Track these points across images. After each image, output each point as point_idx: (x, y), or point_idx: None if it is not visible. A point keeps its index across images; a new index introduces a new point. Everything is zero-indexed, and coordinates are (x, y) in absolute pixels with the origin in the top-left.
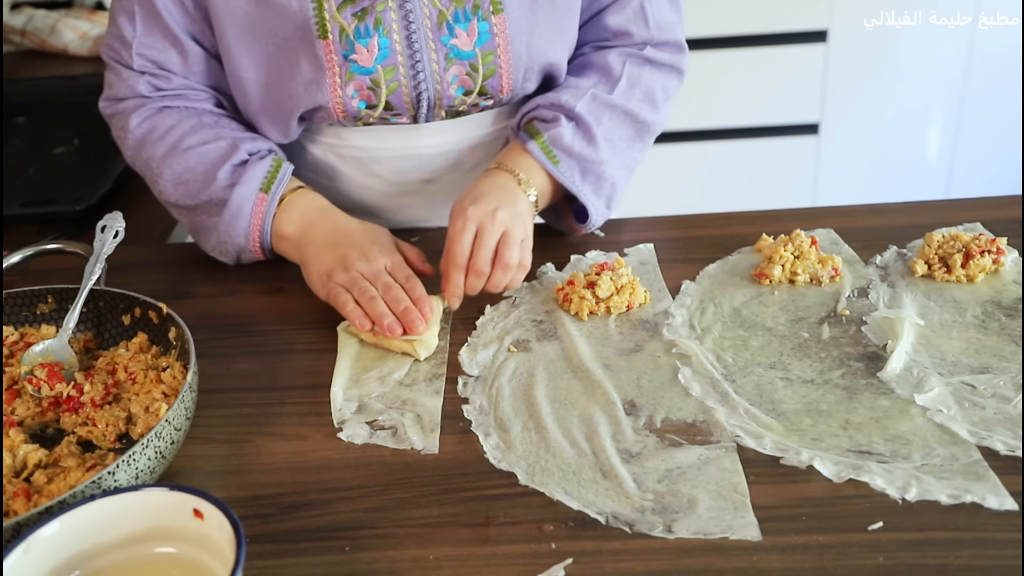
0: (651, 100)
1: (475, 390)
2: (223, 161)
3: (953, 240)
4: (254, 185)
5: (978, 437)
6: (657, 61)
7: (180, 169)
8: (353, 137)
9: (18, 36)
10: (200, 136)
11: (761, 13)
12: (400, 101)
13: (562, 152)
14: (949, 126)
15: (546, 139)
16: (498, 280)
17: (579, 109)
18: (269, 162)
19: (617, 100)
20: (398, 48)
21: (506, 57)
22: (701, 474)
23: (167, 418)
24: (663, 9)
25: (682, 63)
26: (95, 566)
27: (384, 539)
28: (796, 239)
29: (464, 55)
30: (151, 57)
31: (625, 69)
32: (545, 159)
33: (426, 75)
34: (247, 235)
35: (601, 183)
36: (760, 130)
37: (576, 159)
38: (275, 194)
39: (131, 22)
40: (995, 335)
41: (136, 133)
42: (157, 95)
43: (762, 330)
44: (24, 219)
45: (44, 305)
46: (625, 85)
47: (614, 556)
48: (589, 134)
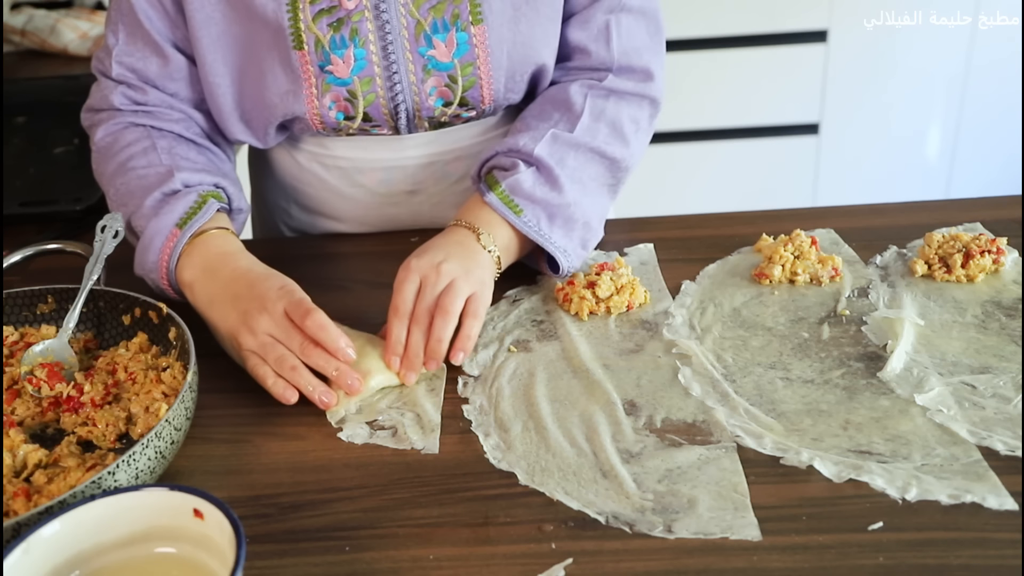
0: (619, 134)
1: (475, 390)
2: (154, 188)
3: (953, 240)
4: (171, 219)
5: (978, 437)
6: (621, 91)
7: (122, 189)
8: (337, 147)
9: (18, 36)
10: (147, 159)
11: (761, 13)
12: (378, 112)
13: (524, 200)
14: (949, 126)
15: (504, 188)
16: (439, 331)
17: (538, 152)
18: (194, 196)
19: (581, 138)
20: (375, 59)
21: (486, 68)
22: (701, 474)
23: (167, 418)
24: (634, 32)
25: (651, 90)
26: (95, 566)
27: (384, 539)
28: (796, 239)
29: (442, 66)
30: (130, 65)
31: (587, 104)
32: (506, 210)
33: (403, 86)
34: (156, 270)
35: (571, 225)
36: (760, 130)
37: (540, 205)
38: (187, 232)
39: (115, 32)
40: (995, 335)
41: (99, 146)
42: (129, 108)
43: (762, 330)
44: (24, 219)
45: (44, 305)
46: (588, 120)
47: (614, 556)
48: (551, 177)
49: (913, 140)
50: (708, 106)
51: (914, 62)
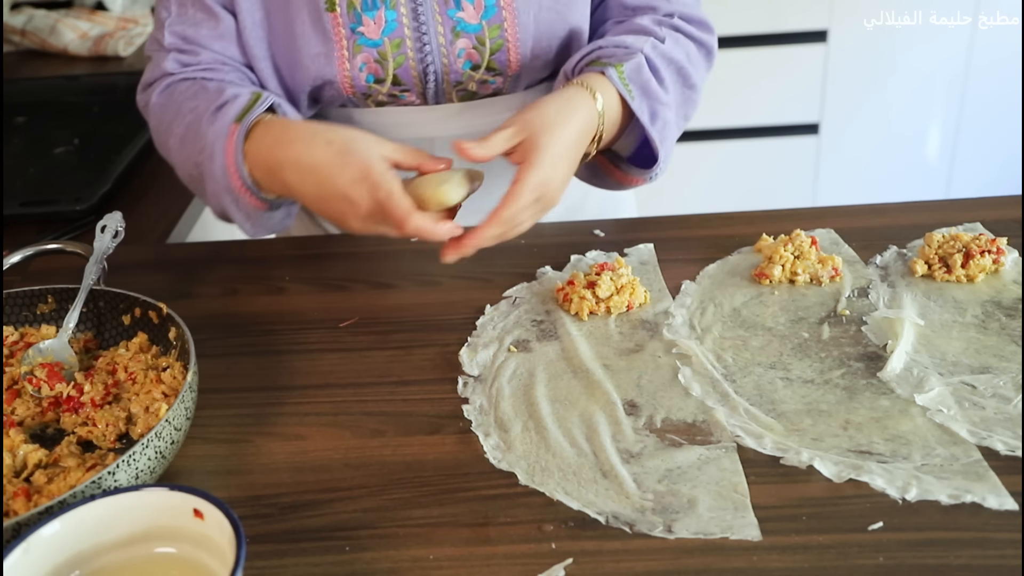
0: (692, 63)
1: (475, 390)
2: (208, 106)
3: (953, 240)
4: (228, 119)
5: (978, 437)
6: (688, 33)
7: (181, 130)
8: (364, 119)
9: (18, 36)
10: (204, 96)
11: (761, 13)
12: (408, 75)
13: (637, 88)
14: (949, 126)
15: (625, 70)
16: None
17: (647, 50)
18: (247, 95)
19: (671, 52)
20: (405, 21)
21: (513, 31)
22: (701, 474)
23: (167, 418)
24: None
25: (711, 41)
26: (95, 566)
27: (384, 539)
28: (796, 239)
29: (471, 28)
30: (182, 32)
31: (664, 32)
32: (623, 89)
33: (432, 48)
34: (225, 173)
35: (665, 130)
36: (760, 130)
37: (649, 98)
38: (246, 123)
39: (167, 6)
40: (995, 335)
41: (154, 111)
42: (182, 71)
43: (762, 330)
44: (24, 219)
45: (44, 305)
46: (671, 44)
47: (614, 556)
48: (659, 76)
49: (913, 140)
50: (708, 106)
51: (914, 62)
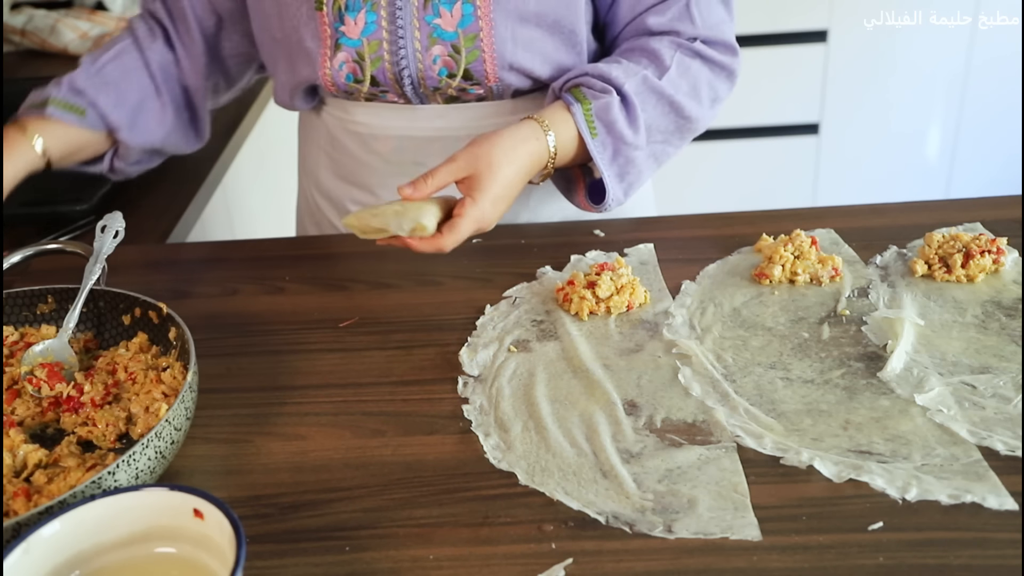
0: (696, 94)
1: (475, 390)
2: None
3: (953, 240)
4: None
5: (978, 437)
6: (707, 57)
7: None
8: (356, 112)
9: (18, 36)
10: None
11: (761, 13)
12: (384, 77)
13: (603, 126)
14: (949, 126)
15: (593, 107)
16: None
17: (627, 88)
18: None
19: (666, 88)
20: (383, 24)
21: (489, 42)
22: (701, 474)
23: (167, 418)
24: (712, 7)
25: (734, 64)
26: (95, 566)
27: (384, 539)
28: (796, 239)
29: (447, 35)
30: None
31: (675, 58)
32: (585, 127)
33: (408, 52)
34: None
35: (628, 168)
36: (760, 130)
37: (614, 137)
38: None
39: None
40: (995, 335)
41: None
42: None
43: (762, 330)
44: (24, 219)
45: (44, 305)
46: (675, 74)
47: (614, 556)
48: (633, 116)
49: (913, 140)
50: None
51: (914, 62)
